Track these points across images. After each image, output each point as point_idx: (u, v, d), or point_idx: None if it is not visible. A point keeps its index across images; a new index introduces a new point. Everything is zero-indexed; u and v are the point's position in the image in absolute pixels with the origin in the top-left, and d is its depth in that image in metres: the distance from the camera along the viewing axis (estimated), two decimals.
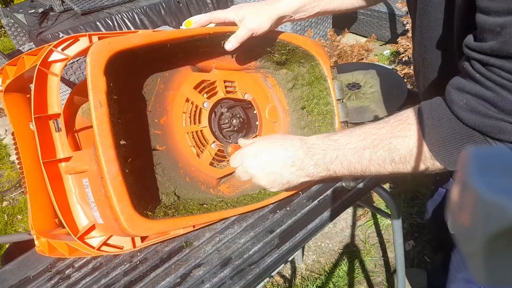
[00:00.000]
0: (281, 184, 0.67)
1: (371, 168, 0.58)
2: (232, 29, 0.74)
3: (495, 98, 0.44)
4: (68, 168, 0.64)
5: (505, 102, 0.43)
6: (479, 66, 0.45)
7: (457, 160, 0.50)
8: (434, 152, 0.51)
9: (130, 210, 0.56)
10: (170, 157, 0.73)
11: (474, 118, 0.47)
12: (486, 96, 0.45)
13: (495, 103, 0.44)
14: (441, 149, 0.51)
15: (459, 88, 0.49)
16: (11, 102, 0.77)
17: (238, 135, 0.85)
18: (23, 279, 0.74)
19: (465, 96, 0.48)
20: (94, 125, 0.55)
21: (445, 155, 0.51)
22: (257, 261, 0.68)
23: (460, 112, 0.48)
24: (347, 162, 0.59)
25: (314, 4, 0.81)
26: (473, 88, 0.47)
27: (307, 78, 0.91)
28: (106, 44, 0.57)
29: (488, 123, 0.46)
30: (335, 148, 0.60)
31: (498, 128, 0.45)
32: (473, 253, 0.24)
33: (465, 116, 0.48)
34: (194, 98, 0.77)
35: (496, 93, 0.44)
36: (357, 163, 0.58)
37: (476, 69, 0.46)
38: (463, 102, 0.48)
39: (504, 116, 0.44)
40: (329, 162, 0.61)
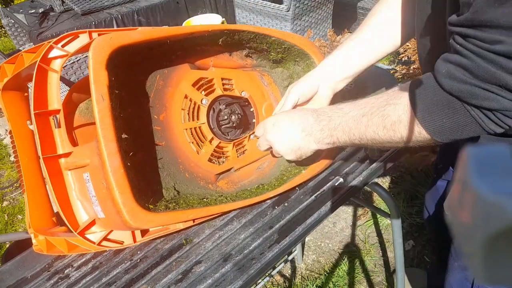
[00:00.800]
0: (294, 150, 0.73)
1: (367, 135, 0.62)
2: (230, 27, 0.75)
3: (470, 65, 0.47)
4: (68, 163, 0.64)
5: (479, 69, 0.46)
6: (459, 37, 0.49)
7: (441, 128, 0.53)
8: (419, 118, 0.54)
9: (132, 202, 0.57)
10: (169, 153, 0.73)
11: (452, 83, 0.50)
12: (463, 63, 0.48)
13: (470, 69, 0.47)
14: (425, 115, 0.54)
15: (444, 59, 0.52)
16: (9, 100, 0.78)
17: (236, 132, 0.86)
18: (21, 279, 0.74)
19: (447, 65, 0.51)
20: (96, 119, 0.55)
21: (429, 122, 0.54)
22: (258, 256, 0.69)
23: (441, 79, 0.51)
24: (348, 128, 0.64)
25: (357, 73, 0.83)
26: (453, 57, 0.50)
27: (302, 76, 0.92)
28: (108, 39, 0.58)
29: (463, 88, 0.49)
30: (340, 115, 0.65)
31: (472, 93, 0.48)
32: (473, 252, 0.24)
33: (444, 82, 0.51)
34: (192, 95, 0.77)
35: (471, 60, 0.47)
36: (355, 129, 0.63)
37: (456, 40, 0.49)
38: (445, 70, 0.51)
39: (477, 82, 0.47)
40: (333, 128, 0.66)
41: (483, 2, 0.43)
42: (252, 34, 0.79)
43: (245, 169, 0.87)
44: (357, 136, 0.63)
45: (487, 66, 0.45)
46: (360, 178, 0.83)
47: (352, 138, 0.64)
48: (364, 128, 0.61)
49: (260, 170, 0.87)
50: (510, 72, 0.44)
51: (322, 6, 2.87)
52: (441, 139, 0.55)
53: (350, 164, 0.86)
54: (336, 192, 0.80)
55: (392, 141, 0.60)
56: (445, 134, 0.54)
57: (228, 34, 0.76)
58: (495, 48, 0.44)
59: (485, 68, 0.46)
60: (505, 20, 0.42)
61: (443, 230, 1.21)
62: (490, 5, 0.42)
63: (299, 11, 2.68)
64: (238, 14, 3.03)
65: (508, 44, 0.42)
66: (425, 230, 1.73)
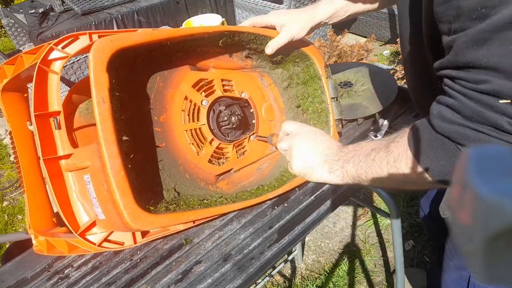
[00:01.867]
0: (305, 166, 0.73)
1: (372, 169, 0.62)
2: (230, 28, 0.75)
3: (458, 105, 0.48)
4: (69, 165, 0.64)
5: (467, 108, 0.46)
6: (447, 79, 0.50)
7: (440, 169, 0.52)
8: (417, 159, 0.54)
9: (133, 204, 0.57)
10: (169, 154, 0.73)
11: (443, 125, 0.50)
12: (451, 104, 0.49)
13: (459, 110, 0.48)
14: (423, 157, 0.54)
15: (437, 100, 0.53)
16: (9, 101, 0.78)
17: (236, 133, 0.86)
18: (21, 279, 0.74)
19: (439, 107, 0.52)
20: (97, 121, 0.55)
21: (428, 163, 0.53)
22: (257, 256, 0.69)
23: (433, 120, 0.52)
24: (358, 161, 0.65)
25: (345, 8, 0.86)
26: (443, 99, 0.51)
27: (302, 77, 0.92)
28: (108, 42, 0.58)
29: (453, 129, 0.49)
30: (356, 149, 0.67)
31: (462, 134, 0.48)
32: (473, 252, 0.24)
33: (436, 124, 0.51)
34: (192, 96, 0.77)
35: (459, 100, 0.47)
36: (364, 162, 0.63)
37: (445, 82, 0.51)
38: (436, 111, 0.52)
39: (466, 122, 0.47)
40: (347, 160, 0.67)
41: (462, 44, 0.44)
42: (252, 36, 0.79)
43: (245, 170, 0.87)
44: (364, 169, 0.63)
45: (474, 105, 0.45)
46: None
47: (359, 173, 0.64)
48: (371, 162, 0.62)
49: (260, 171, 0.87)
50: (498, 111, 0.43)
51: None
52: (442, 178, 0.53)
53: None
54: (336, 192, 0.80)
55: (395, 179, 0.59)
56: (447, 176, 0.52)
57: (228, 35, 0.76)
58: (480, 88, 0.44)
59: (472, 108, 0.46)
60: (486, 61, 0.42)
61: (437, 230, 1.21)
62: (469, 47, 0.43)
63: None
64: (238, 14, 3.03)
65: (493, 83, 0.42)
66: (424, 230, 1.73)
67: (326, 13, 0.85)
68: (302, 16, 0.83)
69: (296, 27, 0.81)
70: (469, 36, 0.43)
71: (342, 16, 0.87)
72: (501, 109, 0.43)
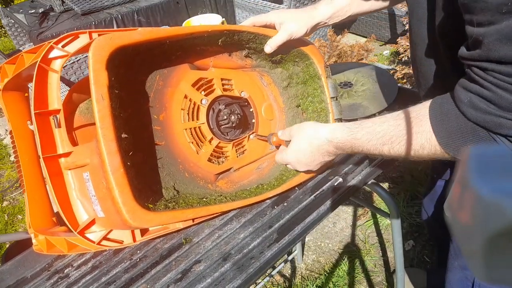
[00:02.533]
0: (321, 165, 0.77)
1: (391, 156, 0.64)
2: (229, 28, 0.75)
3: (493, 96, 0.48)
4: (68, 163, 0.64)
5: (502, 100, 0.48)
6: (477, 69, 0.51)
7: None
8: (443, 145, 0.56)
9: (132, 202, 0.57)
10: (169, 153, 0.73)
11: (476, 114, 0.51)
12: (485, 95, 0.50)
13: (493, 101, 0.49)
14: (449, 142, 0.55)
15: (464, 87, 0.53)
16: (9, 100, 0.78)
17: (235, 132, 0.86)
18: (21, 279, 0.74)
19: (468, 95, 0.52)
20: (96, 118, 0.55)
21: (454, 148, 0.55)
22: (257, 255, 0.69)
23: (465, 109, 0.53)
24: (371, 153, 0.67)
25: (345, 9, 0.86)
26: (474, 88, 0.51)
27: (302, 76, 0.92)
28: (108, 39, 0.58)
29: (488, 119, 0.50)
30: (359, 144, 0.67)
31: (497, 123, 0.49)
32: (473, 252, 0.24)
33: (468, 113, 0.52)
34: (192, 95, 0.77)
35: (493, 92, 0.48)
36: (379, 153, 0.65)
37: (475, 72, 0.51)
38: (467, 99, 0.52)
39: (502, 113, 0.48)
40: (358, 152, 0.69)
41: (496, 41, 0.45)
42: (252, 35, 0.79)
43: (245, 169, 0.87)
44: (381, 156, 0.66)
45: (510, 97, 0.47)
46: (359, 177, 0.83)
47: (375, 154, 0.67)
48: (387, 153, 0.64)
49: (259, 170, 0.87)
50: None
51: None
52: None
53: (350, 164, 0.87)
54: (336, 191, 0.80)
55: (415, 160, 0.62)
56: None
57: (227, 34, 0.76)
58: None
59: (508, 99, 0.47)
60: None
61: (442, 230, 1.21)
62: (503, 43, 0.44)
63: None
64: (238, 14, 3.04)
65: None
66: (425, 230, 1.73)
67: (325, 13, 0.85)
68: (301, 15, 0.83)
69: (295, 25, 0.81)
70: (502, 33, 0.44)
71: (342, 17, 0.87)
72: None
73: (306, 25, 0.82)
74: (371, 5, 0.89)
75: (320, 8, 0.85)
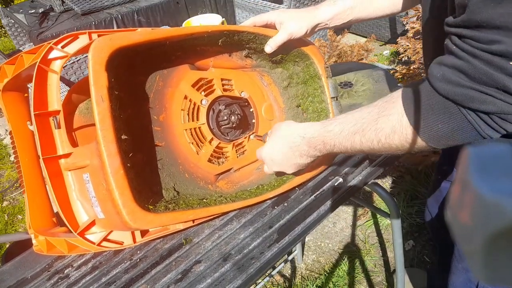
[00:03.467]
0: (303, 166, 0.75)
1: (364, 149, 0.62)
2: (229, 28, 0.75)
3: (466, 66, 0.46)
4: (68, 164, 0.64)
5: (475, 70, 0.45)
6: (455, 38, 0.48)
7: (436, 135, 0.52)
8: (413, 126, 0.53)
9: (132, 203, 0.57)
10: (169, 153, 0.73)
11: (447, 87, 0.49)
12: (458, 65, 0.47)
13: (466, 71, 0.46)
14: (421, 122, 0.52)
15: (439, 62, 0.51)
16: (9, 101, 0.78)
17: (236, 132, 0.86)
18: (21, 279, 0.74)
19: (442, 68, 0.50)
20: (96, 120, 0.55)
21: (424, 128, 0.53)
22: (257, 255, 0.69)
23: (436, 83, 0.50)
24: (344, 148, 0.64)
25: (347, 12, 0.85)
26: (449, 60, 0.49)
27: (302, 76, 0.92)
28: (107, 41, 0.58)
29: (459, 91, 0.48)
30: (332, 137, 0.65)
31: (468, 96, 0.47)
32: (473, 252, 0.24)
33: (439, 86, 0.50)
34: (192, 95, 0.77)
35: (467, 61, 0.46)
36: (351, 147, 0.63)
37: (453, 41, 0.49)
38: (439, 74, 0.50)
39: (473, 84, 0.46)
40: (330, 150, 0.67)
41: (479, 2, 0.42)
42: (252, 35, 0.79)
43: (245, 169, 0.87)
44: (355, 151, 0.64)
45: (483, 67, 0.44)
46: (360, 178, 0.83)
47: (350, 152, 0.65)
48: (359, 145, 0.61)
49: (259, 171, 0.87)
50: (508, 73, 0.43)
51: None
52: (437, 145, 0.54)
53: (350, 164, 0.87)
54: (336, 192, 0.80)
55: (389, 151, 0.59)
56: (441, 140, 0.53)
57: (227, 34, 0.76)
58: (491, 48, 0.43)
59: (481, 70, 0.44)
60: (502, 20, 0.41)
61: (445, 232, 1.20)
62: (486, 5, 0.42)
63: None
64: (238, 14, 3.04)
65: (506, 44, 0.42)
66: (425, 230, 1.73)
67: (327, 14, 0.84)
68: (302, 14, 0.82)
69: (295, 25, 0.81)
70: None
71: (343, 20, 0.87)
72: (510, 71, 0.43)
73: (306, 26, 0.82)
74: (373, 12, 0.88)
75: (321, 8, 0.84)
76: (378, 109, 0.59)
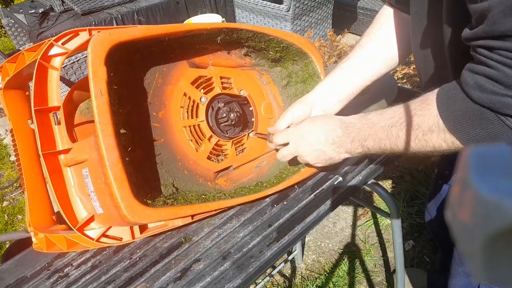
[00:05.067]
0: (325, 160, 0.74)
1: (398, 145, 0.62)
2: (228, 25, 0.75)
3: (499, 75, 0.47)
4: (68, 160, 0.64)
5: (508, 78, 0.46)
6: (482, 49, 0.49)
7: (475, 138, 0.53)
8: (451, 129, 0.54)
9: (130, 197, 0.57)
10: (168, 150, 0.73)
11: (482, 95, 0.50)
12: (490, 74, 0.48)
13: (499, 79, 0.47)
14: (457, 127, 0.53)
15: (470, 70, 0.52)
16: (10, 99, 0.78)
17: (235, 130, 0.86)
18: (21, 278, 0.74)
19: (474, 77, 0.50)
20: (95, 113, 0.55)
21: (463, 132, 0.53)
22: (257, 254, 0.68)
23: (471, 91, 0.51)
24: (378, 139, 0.64)
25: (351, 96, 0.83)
26: (480, 68, 0.50)
27: (301, 75, 0.92)
28: (107, 35, 0.58)
29: (494, 99, 0.48)
30: (369, 126, 0.65)
31: (504, 103, 0.48)
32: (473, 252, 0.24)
33: (474, 94, 0.51)
34: (191, 93, 0.78)
35: (499, 70, 0.46)
36: (386, 139, 0.63)
37: (480, 52, 0.49)
38: (473, 81, 0.51)
39: (508, 92, 0.47)
40: (363, 139, 0.66)
41: (500, 13, 0.43)
42: (251, 33, 0.79)
43: (244, 167, 0.87)
44: (388, 146, 0.63)
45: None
46: (360, 177, 0.83)
47: (383, 148, 0.64)
48: (395, 139, 0.61)
49: (259, 169, 0.87)
50: None
51: (322, 6, 2.87)
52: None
53: (350, 163, 0.86)
54: (336, 191, 0.80)
55: (424, 151, 0.59)
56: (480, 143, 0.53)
57: (226, 32, 0.76)
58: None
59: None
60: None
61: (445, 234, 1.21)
62: (507, 15, 0.42)
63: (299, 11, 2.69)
64: (238, 14, 3.04)
65: None
66: (425, 230, 1.73)
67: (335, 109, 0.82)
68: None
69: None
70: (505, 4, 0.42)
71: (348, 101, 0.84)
72: None
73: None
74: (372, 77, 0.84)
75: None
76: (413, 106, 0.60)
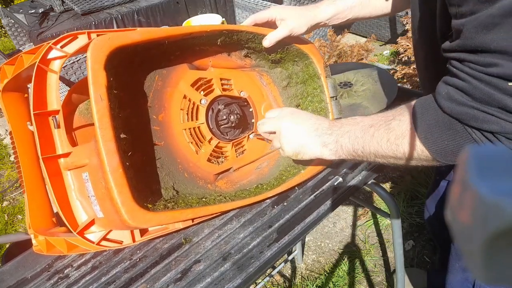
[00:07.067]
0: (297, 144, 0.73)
1: (370, 146, 0.62)
2: (228, 27, 0.75)
3: (468, 87, 0.48)
4: (67, 163, 0.64)
5: (477, 91, 0.47)
6: (455, 62, 0.51)
7: (443, 150, 0.54)
8: (421, 138, 0.55)
9: (131, 202, 0.57)
10: (168, 153, 0.73)
11: (451, 106, 0.51)
12: (461, 86, 0.49)
13: (468, 92, 0.48)
14: (428, 136, 0.54)
15: (444, 81, 0.54)
16: (9, 101, 0.78)
17: (235, 132, 0.86)
18: (21, 279, 0.74)
19: (446, 87, 0.52)
20: (95, 119, 0.55)
21: (432, 142, 0.54)
22: (257, 255, 0.69)
23: (442, 101, 0.53)
24: (354, 136, 0.65)
25: (346, 12, 0.86)
26: (452, 80, 0.51)
27: (301, 76, 0.92)
28: (106, 40, 0.58)
29: (462, 110, 0.50)
30: (351, 124, 0.67)
31: (471, 115, 0.49)
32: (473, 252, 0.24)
33: (444, 105, 0.52)
34: (191, 95, 0.78)
35: (469, 82, 0.48)
36: (361, 138, 0.63)
37: (453, 65, 0.51)
38: (444, 92, 0.52)
39: (475, 104, 0.48)
40: (341, 134, 0.67)
41: (472, 29, 0.45)
42: (251, 34, 0.79)
43: (244, 169, 0.87)
44: (360, 145, 0.64)
45: (484, 88, 0.46)
46: (360, 177, 0.83)
47: (355, 148, 0.65)
48: (369, 138, 0.62)
49: (259, 170, 0.87)
50: (508, 93, 0.44)
51: None
52: (444, 161, 0.55)
53: (350, 164, 0.86)
54: (336, 191, 0.80)
55: (395, 156, 0.60)
56: (448, 156, 0.54)
57: (226, 34, 0.76)
58: (490, 71, 0.45)
59: (482, 90, 0.46)
60: (496, 45, 0.43)
61: (443, 231, 1.21)
62: (478, 31, 0.44)
63: None
64: (238, 14, 3.04)
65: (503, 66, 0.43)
66: (425, 230, 1.73)
67: (327, 13, 0.85)
68: (303, 12, 0.83)
69: (296, 22, 0.81)
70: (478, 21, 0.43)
71: (342, 19, 0.87)
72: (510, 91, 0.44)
73: (306, 23, 0.82)
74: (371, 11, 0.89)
75: (322, 7, 0.85)
76: (394, 112, 0.61)
